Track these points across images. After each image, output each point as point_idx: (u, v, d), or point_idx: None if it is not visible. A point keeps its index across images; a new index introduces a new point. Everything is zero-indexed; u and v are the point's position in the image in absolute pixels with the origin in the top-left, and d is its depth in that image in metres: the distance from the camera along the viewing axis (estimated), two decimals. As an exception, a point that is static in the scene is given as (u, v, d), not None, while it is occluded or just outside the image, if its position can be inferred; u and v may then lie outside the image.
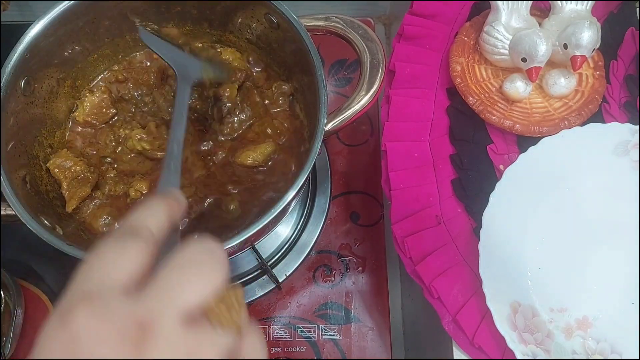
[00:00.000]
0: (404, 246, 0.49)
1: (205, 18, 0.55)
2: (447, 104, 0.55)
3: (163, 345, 0.21)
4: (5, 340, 0.56)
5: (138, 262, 0.23)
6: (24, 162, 0.48)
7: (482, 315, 0.46)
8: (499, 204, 0.47)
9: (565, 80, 0.52)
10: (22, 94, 0.47)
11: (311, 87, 0.48)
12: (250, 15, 0.52)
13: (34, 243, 0.42)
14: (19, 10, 0.75)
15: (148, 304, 0.22)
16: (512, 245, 0.47)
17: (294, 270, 0.62)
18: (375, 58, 0.49)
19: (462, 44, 0.56)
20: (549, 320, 0.45)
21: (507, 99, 0.53)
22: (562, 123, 0.51)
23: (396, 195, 0.51)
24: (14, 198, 0.43)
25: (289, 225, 0.63)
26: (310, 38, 0.47)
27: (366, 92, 0.48)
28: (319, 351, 0.61)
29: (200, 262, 0.23)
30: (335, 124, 0.48)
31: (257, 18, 0.52)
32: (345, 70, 0.73)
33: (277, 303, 0.62)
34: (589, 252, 0.47)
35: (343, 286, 0.63)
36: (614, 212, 0.48)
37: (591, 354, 0.44)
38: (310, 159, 0.44)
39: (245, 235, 0.41)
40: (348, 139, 0.70)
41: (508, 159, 0.51)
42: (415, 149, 0.53)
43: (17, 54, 0.45)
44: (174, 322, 0.21)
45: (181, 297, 0.22)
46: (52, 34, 0.47)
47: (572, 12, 0.53)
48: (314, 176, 0.66)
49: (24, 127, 0.48)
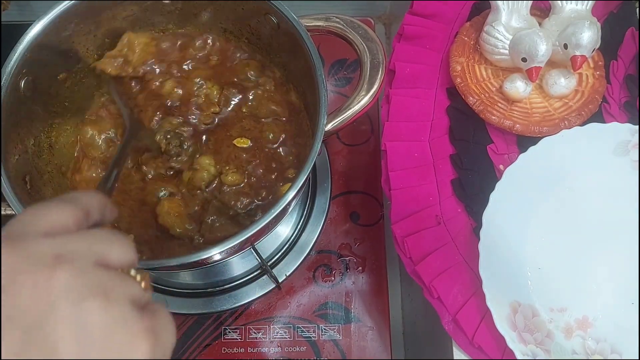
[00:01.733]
0: (404, 246, 0.49)
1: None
2: (447, 103, 0.55)
3: (76, 273, 0.23)
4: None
5: (62, 219, 0.26)
6: (24, 162, 0.48)
7: (482, 315, 0.46)
8: (499, 204, 0.47)
9: (565, 80, 0.52)
10: (23, 93, 0.47)
11: (311, 88, 0.48)
12: (250, 15, 0.52)
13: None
14: (19, 10, 0.75)
15: (67, 244, 0.24)
16: (512, 245, 0.47)
17: (294, 270, 0.62)
18: (376, 58, 0.49)
19: (462, 44, 0.56)
20: (549, 320, 0.45)
21: (507, 99, 0.53)
22: (562, 123, 0.51)
23: (396, 195, 0.51)
24: (13, 198, 0.43)
25: (289, 225, 0.63)
26: (311, 38, 0.47)
27: (366, 92, 0.48)
28: (318, 351, 0.61)
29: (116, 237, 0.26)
30: (335, 124, 0.47)
31: (258, 18, 0.52)
32: (345, 70, 0.73)
33: (277, 303, 0.62)
34: (589, 252, 0.47)
35: (343, 286, 0.63)
36: (614, 212, 0.48)
37: (591, 354, 0.44)
38: (310, 159, 0.43)
39: (245, 235, 0.41)
40: (348, 139, 0.70)
41: (508, 159, 0.51)
42: (415, 148, 0.53)
43: (18, 53, 0.45)
44: (89, 261, 0.24)
45: (97, 248, 0.25)
46: (53, 33, 0.47)
47: (572, 12, 0.53)
48: (314, 176, 0.66)
49: (24, 127, 0.48)
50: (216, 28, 0.56)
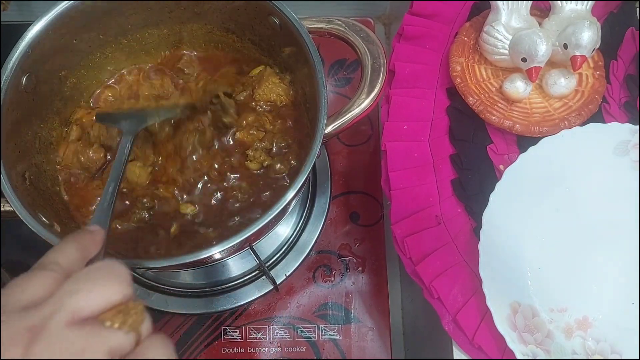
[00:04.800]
0: (404, 246, 0.49)
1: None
2: (447, 104, 0.55)
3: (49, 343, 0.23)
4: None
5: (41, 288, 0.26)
6: (24, 159, 0.48)
7: (482, 315, 0.46)
8: (499, 204, 0.47)
9: (565, 80, 0.52)
10: (24, 90, 0.47)
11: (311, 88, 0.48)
12: (252, 17, 0.52)
13: (34, 243, 0.42)
14: (18, 10, 0.75)
15: (40, 312, 0.24)
16: (512, 245, 0.47)
17: (293, 270, 0.62)
18: (377, 61, 0.49)
19: (462, 44, 0.56)
20: (549, 320, 0.45)
21: (507, 99, 0.53)
22: (562, 123, 0.51)
23: (396, 195, 0.51)
24: (12, 194, 0.43)
25: (289, 225, 0.63)
26: (312, 41, 0.47)
27: (367, 95, 0.48)
28: (318, 351, 0.61)
29: (96, 278, 0.26)
30: (336, 126, 0.47)
31: (260, 19, 0.52)
32: (345, 70, 0.73)
33: (277, 303, 0.62)
34: (589, 252, 0.47)
35: (343, 286, 0.63)
36: (614, 212, 0.48)
37: (591, 354, 0.44)
38: (310, 160, 0.44)
39: (244, 235, 0.41)
40: (348, 139, 0.70)
41: (508, 159, 0.51)
42: (415, 149, 0.53)
43: (19, 51, 0.45)
44: (61, 324, 0.24)
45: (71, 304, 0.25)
46: (53, 33, 0.47)
47: (572, 12, 0.53)
48: (314, 176, 0.66)
49: (25, 124, 0.48)
50: (220, 29, 0.56)
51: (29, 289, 0.26)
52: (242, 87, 0.56)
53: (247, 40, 0.56)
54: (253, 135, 0.53)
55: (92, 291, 0.26)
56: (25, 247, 0.61)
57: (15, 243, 0.61)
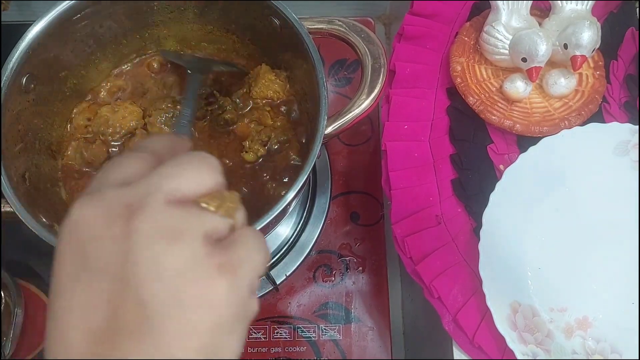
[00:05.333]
0: (404, 246, 0.49)
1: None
2: (447, 103, 0.55)
3: (150, 217, 0.23)
4: (5, 340, 0.56)
5: (136, 167, 0.26)
6: (24, 159, 0.48)
7: (482, 315, 0.46)
8: (499, 204, 0.47)
9: (565, 80, 0.52)
10: (24, 90, 0.47)
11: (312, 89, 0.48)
12: (253, 17, 0.52)
13: (34, 243, 0.42)
14: (18, 10, 0.75)
15: (138, 189, 0.24)
16: (512, 245, 0.47)
17: (294, 270, 0.62)
18: (377, 62, 0.49)
19: (462, 44, 0.56)
20: (549, 320, 0.45)
21: (507, 99, 0.53)
22: (562, 123, 0.51)
23: (396, 195, 0.51)
24: (12, 195, 0.43)
25: (289, 225, 0.63)
26: (313, 42, 0.47)
27: (367, 96, 0.48)
28: (319, 351, 0.61)
29: (190, 162, 0.25)
30: (336, 127, 0.47)
31: (260, 20, 0.52)
32: (345, 70, 0.73)
33: (277, 303, 0.62)
34: (589, 252, 0.47)
35: (343, 286, 0.63)
36: (614, 212, 0.48)
37: (591, 354, 0.44)
38: (310, 161, 0.44)
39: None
40: (348, 139, 0.70)
41: (508, 159, 0.51)
42: (416, 148, 0.53)
43: (20, 51, 0.45)
44: (160, 201, 0.23)
45: (170, 184, 0.24)
46: (53, 33, 0.47)
47: (572, 12, 0.53)
48: (314, 176, 0.66)
49: (25, 124, 0.48)
50: (220, 29, 0.56)
51: (124, 168, 0.26)
52: (239, 85, 0.56)
53: (248, 41, 0.56)
54: (251, 128, 0.54)
55: (187, 175, 0.25)
56: (26, 247, 0.62)
57: (15, 243, 0.61)
